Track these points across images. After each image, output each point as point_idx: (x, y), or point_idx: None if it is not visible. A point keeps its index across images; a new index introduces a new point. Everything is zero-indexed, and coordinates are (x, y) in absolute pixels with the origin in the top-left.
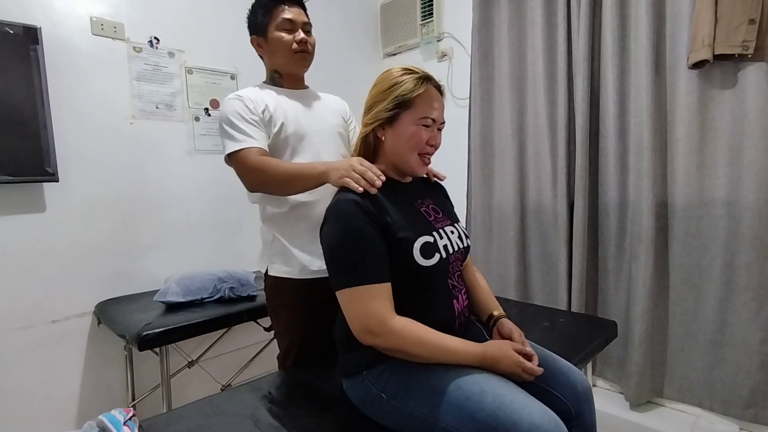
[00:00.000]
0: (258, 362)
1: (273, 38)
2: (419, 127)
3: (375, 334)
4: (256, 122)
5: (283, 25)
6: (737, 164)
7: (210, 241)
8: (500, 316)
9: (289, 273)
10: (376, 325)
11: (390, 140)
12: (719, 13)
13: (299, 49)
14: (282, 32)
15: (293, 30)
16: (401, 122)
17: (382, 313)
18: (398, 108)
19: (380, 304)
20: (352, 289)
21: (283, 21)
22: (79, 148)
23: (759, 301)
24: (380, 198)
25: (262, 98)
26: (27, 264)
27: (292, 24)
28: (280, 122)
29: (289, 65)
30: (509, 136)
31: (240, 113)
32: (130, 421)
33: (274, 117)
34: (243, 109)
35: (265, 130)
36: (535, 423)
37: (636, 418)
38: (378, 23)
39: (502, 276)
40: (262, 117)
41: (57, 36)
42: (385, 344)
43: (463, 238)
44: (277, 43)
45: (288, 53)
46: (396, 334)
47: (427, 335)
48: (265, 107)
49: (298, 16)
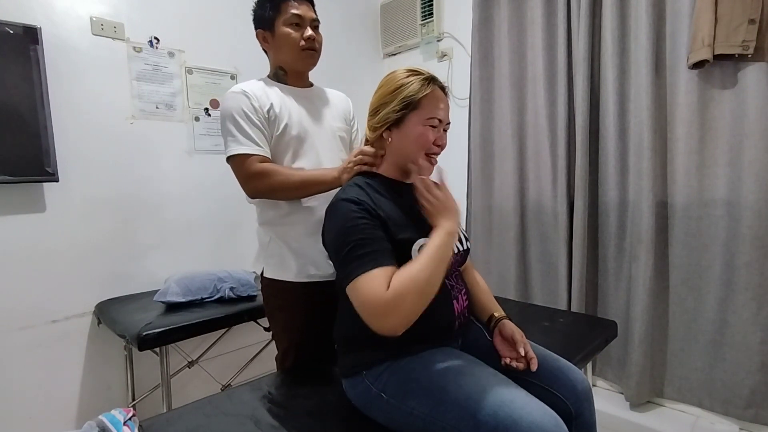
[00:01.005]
0: (258, 362)
1: (280, 34)
2: (426, 127)
3: (381, 316)
4: (262, 124)
5: (291, 20)
6: (737, 164)
7: (210, 241)
8: (501, 317)
9: (285, 276)
10: (378, 305)
11: (396, 141)
12: (719, 13)
13: (307, 46)
14: (290, 28)
15: (302, 26)
16: (408, 123)
17: (377, 292)
18: (405, 109)
19: (376, 285)
20: (355, 281)
21: (292, 16)
22: (79, 148)
23: (759, 301)
24: (380, 198)
25: (269, 96)
26: (27, 264)
27: (300, 20)
28: (284, 123)
29: (296, 62)
30: (509, 136)
31: (246, 112)
32: (130, 421)
33: (279, 117)
34: (249, 108)
35: (268, 133)
36: (535, 422)
37: (636, 418)
38: (378, 23)
39: (502, 276)
40: (268, 116)
41: (57, 36)
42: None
43: (463, 240)
44: (284, 39)
45: (295, 50)
46: (394, 299)
47: (411, 273)
48: (271, 106)
49: (306, 12)
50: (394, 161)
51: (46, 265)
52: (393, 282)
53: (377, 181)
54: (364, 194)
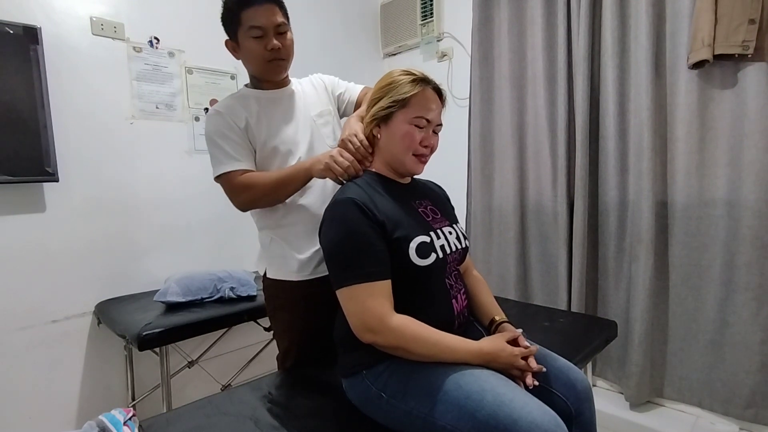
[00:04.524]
0: (258, 362)
1: (244, 46)
2: (412, 126)
3: (374, 332)
4: (239, 139)
5: (251, 33)
6: (737, 164)
7: (210, 241)
8: (502, 321)
9: (287, 275)
10: (375, 322)
11: (384, 139)
12: (719, 13)
13: (272, 57)
14: (252, 40)
15: (265, 36)
16: (394, 121)
17: (381, 311)
18: (393, 106)
19: (379, 302)
20: (352, 287)
21: (251, 29)
22: (79, 148)
23: (759, 301)
24: (378, 197)
25: (243, 109)
26: (27, 264)
27: (262, 30)
28: (263, 137)
29: (264, 74)
30: (509, 136)
31: (223, 131)
32: (130, 421)
33: (256, 132)
34: (225, 126)
35: (249, 145)
36: (535, 421)
37: (636, 418)
38: (378, 23)
39: (502, 276)
40: (245, 131)
41: (57, 36)
42: (384, 342)
43: (462, 239)
44: (248, 52)
45: (261, 63)
46: (395, 331)
47: (426, 333)
48: (246, 122)
49: (267, 20)
50: (384, 159)
51: (46, 265)
52: (406, 320)
53: (374, 179)
54: (363, 194)
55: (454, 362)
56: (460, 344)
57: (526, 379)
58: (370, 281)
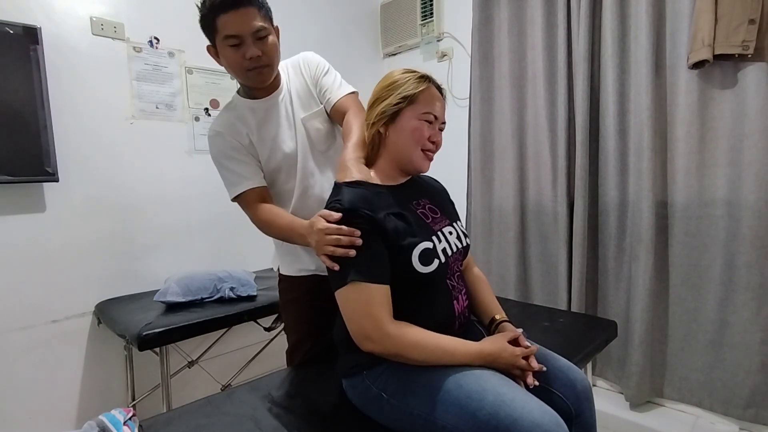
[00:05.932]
0: (258, 362)
1: (222, 54)
2: (421, 122)
3: (372, 341)
4: (245, 157)
5: (228, 42)
6: (737, 164)
7: (210, 241)
8: (502, 320)
9: (298, 271)
10: (373, 330)
11: (392, 136)
12: (719, 13)
13: (250, 66)
14: (230, 49)
15: (242, 44)
16: (403, 117)
17: (379, 318)
18: (402, 103)
19: (377, 310)
20: (349, 287)
21: (227, 38)
22: (79, 148)
23: (759, 301)
24: (376, 202)
25: (243, 125)
26: (27, 264)
27: (238, 38)
28: (265, 155)
29: (247, 82)
30: (509, 136)
31: (227, 153)
32: (130, 421)
33: (259, 149)
34: (229, 147)
35: (255, 161)
36: (536, 421)
37: (636, 418)
38: (378, 23)
39: (502, 276)
40: (249, 147)
41: (57, 36)
42: (382, 350)
43: (462, 237)
44: (227, 60)
45: (241, 72)
46: (393, 339)
47: (425, 339)
48: (249, 139)
49: (242, 27)
50: (391, 157)
51: (46, 265)
52: (404, 327)
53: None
54: (362, 199)
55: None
56: (459, 347)
57: (526, 378)
58: (366, 282)
